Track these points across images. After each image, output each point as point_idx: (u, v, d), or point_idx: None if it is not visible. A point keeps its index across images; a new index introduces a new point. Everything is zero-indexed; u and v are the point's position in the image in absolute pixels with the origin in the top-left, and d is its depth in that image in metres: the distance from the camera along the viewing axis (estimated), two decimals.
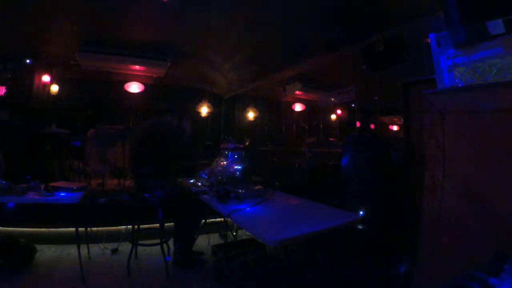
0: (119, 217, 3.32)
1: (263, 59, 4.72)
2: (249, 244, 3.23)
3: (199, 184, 2.98)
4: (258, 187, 2.72)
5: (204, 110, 6.89)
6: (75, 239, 2.50)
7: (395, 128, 8.28)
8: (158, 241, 2.74)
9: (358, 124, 7.31)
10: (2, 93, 4.49)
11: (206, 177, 2.98)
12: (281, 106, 8.11)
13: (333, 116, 8.15)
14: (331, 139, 7.52)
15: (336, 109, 7.94)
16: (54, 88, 5.23)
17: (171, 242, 2.94)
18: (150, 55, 4.71)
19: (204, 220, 3.24)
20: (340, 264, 2.60)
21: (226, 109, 7.62)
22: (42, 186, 2.50)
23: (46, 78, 5.05)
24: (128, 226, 3.02)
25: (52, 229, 3.19)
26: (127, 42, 4.35)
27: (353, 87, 5.71)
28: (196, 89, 6.85)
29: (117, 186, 4.33)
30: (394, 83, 3.89)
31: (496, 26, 1.46)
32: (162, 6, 3.15)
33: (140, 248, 2.95)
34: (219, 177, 2.87)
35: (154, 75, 5.68)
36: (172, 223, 2.95)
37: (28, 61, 4.76)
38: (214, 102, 7.12)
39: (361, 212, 2.83)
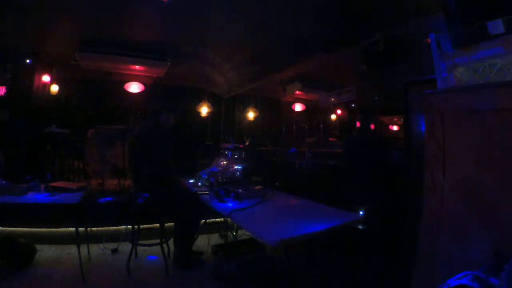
0: (119, 217, 3.32)
1: (263, 59, 4.71)
2: (249, 244, 3.24)
3: (199, 184, 2.99)
4: (258, 187, 2.72)
5: (204, 110, 6.88)
6: (75, 239, 2.50)
7: (395, 128, 8.28)
8: (158, 241, 2.75)
9: (358, 124, 7.31)
10: (2, 93, 4.50)
11: (206, 177, 2.98)
12: (281, 106, 8.11)
13: (333, 116, 8.15)
14: (331, 139, 7.51)
15: (336, 109, 7.93)
16: (54, 88, 5.23)
17: (171, 242, 2.94)
18: (150, 55, 4.71)
19: (204, 220, 3.24)
20: (340, 264, 2.60)
21: (226, 109, 7.61)
22: (42, 186, 2.51)
23: (46, 78, 5.05)
24: (128, 226, 3.02)
25: (52, 229, 3.19)
26: (127, 42, 4.35)
27: (353, 87, 5.71)
28: (196, 89, 6.84)
29: (117, 186, 4.33)
30: (394, 83, 3.89)
31: (496, 26, 1.46)
32: (162, 6, 3.14)
33: (140, 248, 2.95)
34: (219, 177, 2.87)
35: (154, 75, 5.68)
36: (172, 223, 2.96)
37: (28, 61, 4.76)
38: (214, 102, 7.11)
39: (361, 212, 2.84)
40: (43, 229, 3.18)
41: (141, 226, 2.81)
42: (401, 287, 1.85)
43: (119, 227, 3.35)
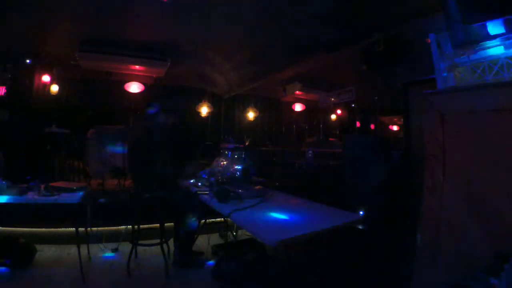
0: (119, 217, 3.32)
1: (263, 59, 4.71)
2: (249, 244, 3.23)
3: (199, 184, 2.99)
4: (258, 187, 2.72)
5: (204, 110, 6.89)
6: (75, 239, 2.50)
7: (395, 128, 8.28)
8: (158, 241, 2.74)
9: (358, 124, 7.32)
10: (2, 93, 4.49)
11: (206, 177, 2.98)
12: (281, 106, 8.11)
13: (333, 116, 8.15)
14: (331, 139, 7.52)
15: (336, 109, 7.93)
16: (54, 88, 5.23)
17: (171, 242, 2.94)
18: (150, 55, 4.71)
19: (204, 220, 3.24)
20: (340, 264, 2.60)
21: (226, 109, 7.61)
22: (42, 186, 2.50)
23: (46, 78, 5.05)
24: (128, 226, 3.02)
25: (52, 229, 3.19)
26: (127, 42, 4.35)
27: (353, 87, 5.71)
28: (196, 89, 6.85)
29: (117, 186, 4.33)
30: (394, 83, 3.89)
31: (496, 26, 1.47)
32: (162, 6, 3.14)
33: (140, 248, 2.95)
34: (219, 177, 2.87)
35: (154, 75, 5.68)
36: (172, 223, 2.95)
37: (28, 61, 4.76)
38: (214, 102, 7.11)
39: (361, 212, 2.83)
40: (43, 229, 3.18)
41: (141, 226, 2.81)
42: (401, 287, 1.86)
43: (119, 227, 3.35)
